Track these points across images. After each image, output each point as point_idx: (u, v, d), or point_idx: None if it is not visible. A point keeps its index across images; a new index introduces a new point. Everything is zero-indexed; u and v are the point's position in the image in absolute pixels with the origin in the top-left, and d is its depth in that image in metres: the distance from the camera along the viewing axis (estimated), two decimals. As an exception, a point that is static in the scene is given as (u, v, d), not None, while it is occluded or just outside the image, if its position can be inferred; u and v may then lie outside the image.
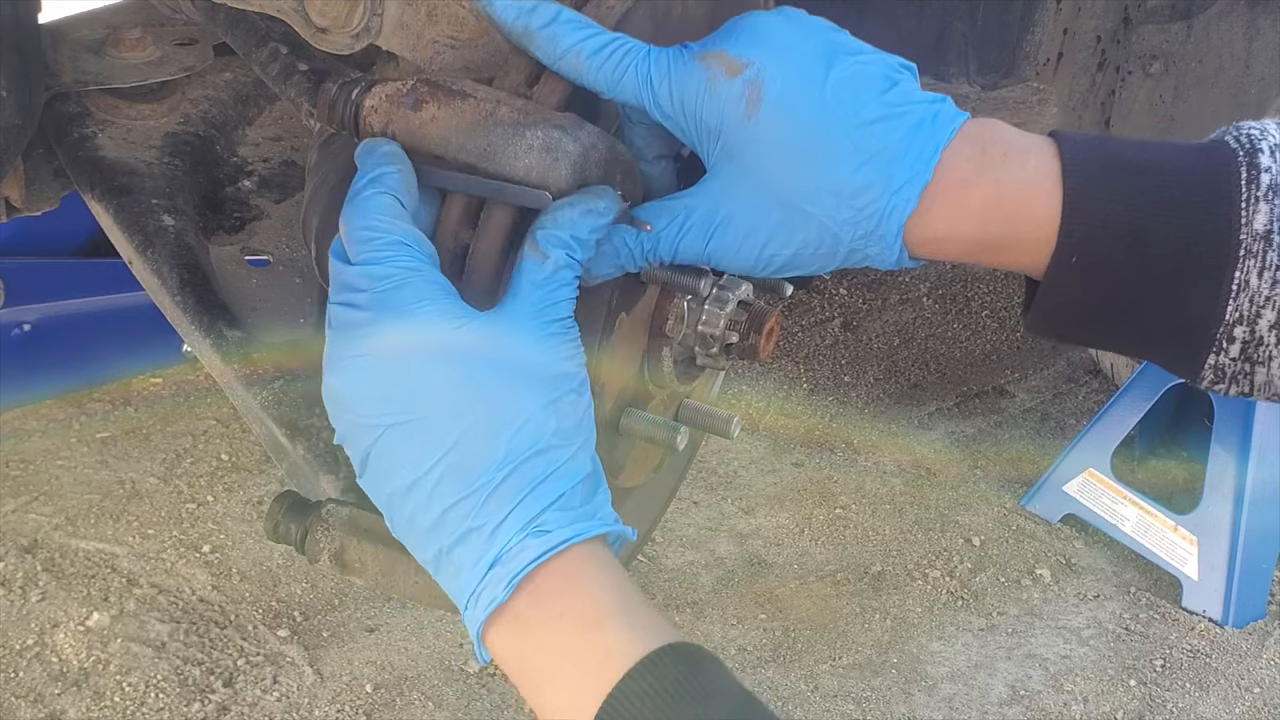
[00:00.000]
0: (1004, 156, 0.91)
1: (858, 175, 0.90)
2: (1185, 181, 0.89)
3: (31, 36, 1.09)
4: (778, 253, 0.94)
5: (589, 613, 0.84)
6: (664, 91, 0.92)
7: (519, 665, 0.85)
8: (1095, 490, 3.16)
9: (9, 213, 1.25)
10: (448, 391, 0.84)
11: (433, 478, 0.84)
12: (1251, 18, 2.84)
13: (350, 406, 0.86)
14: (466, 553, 0.84)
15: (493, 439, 0.84)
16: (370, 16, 0.99)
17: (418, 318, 0.86)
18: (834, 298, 4.04)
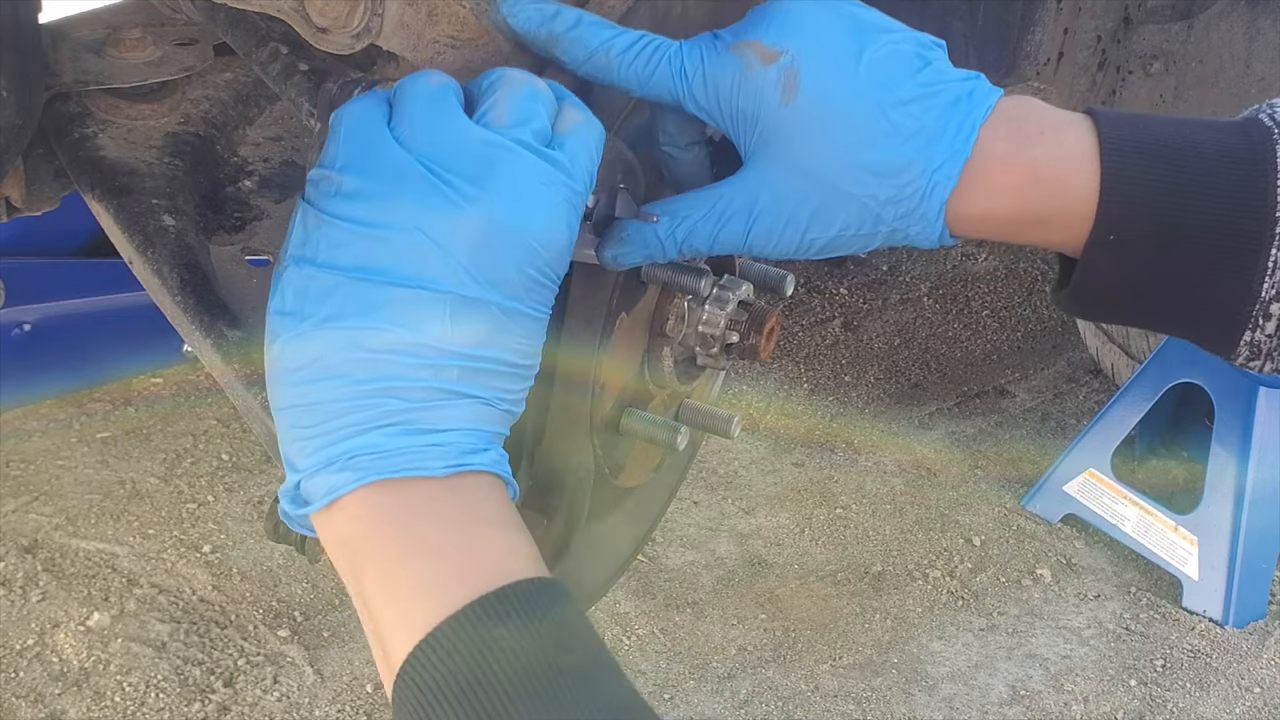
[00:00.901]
0: (1041, 134, 0.91)
1: (898, 154, 0.90)
2: (1221, 160, 0.89)
3: (31, 36, 1.09)
4: (818, 235, 0.94)
5: (457, 532, 0.82)
6: (699, 84, 0.92)
7: (354, 557, 0.83)
8: (1096, 490, 3.16)
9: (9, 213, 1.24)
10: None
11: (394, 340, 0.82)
12: (1251, 18, 2.85)
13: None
14: (366, 420, 0.82)
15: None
16: (371, 16, 0.99)
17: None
18: (834, 298, 4.04)
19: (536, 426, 1.05)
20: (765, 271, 1.16)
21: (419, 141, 0.84)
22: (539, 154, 0.85)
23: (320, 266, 0.83)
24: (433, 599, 0.79)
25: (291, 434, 0.84)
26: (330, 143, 0.86)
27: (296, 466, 0.84)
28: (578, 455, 1.07)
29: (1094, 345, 3.62)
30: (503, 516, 0.84)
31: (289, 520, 0.87)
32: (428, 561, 0.81)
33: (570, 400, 1.04)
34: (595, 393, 1.06)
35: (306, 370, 0.83)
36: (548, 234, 0.85)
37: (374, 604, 0.81)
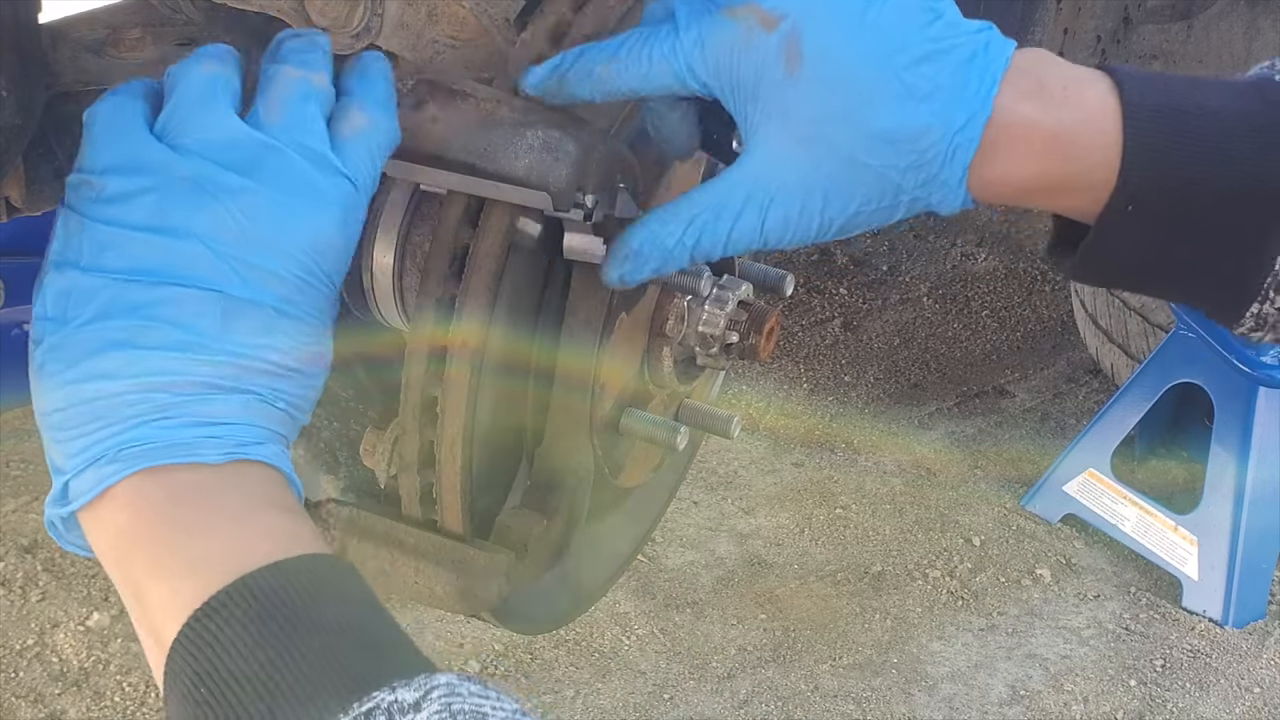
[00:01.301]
0: (1064, 93, 0.86)
1: (915, 117, 0.85)
2: (1241, 128, 0.85)
3: (31, 36, 1.09)
4: (837, 215, 0.88)
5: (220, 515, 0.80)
6: (697, 56, 0.86)
7: (124, 546, 0.81)
8: (1095, 490, 3.16)
9: (9, 213, 1.24)
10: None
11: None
12: (1251, 18, 2.85)
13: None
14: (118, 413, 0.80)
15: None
16: (370, 16, 0.99)
17: None
18: (834, 298, 4.04)
19: (536, 426, 1.05)
20: (765, 271, 1.16)
21: (184, 139, 0.82)
22: (309, 156, 0.83)
23: (84, 270, 0.82)
24: (200, 576, 0.76)
25: (57, 437, 0.82)
26: (86, 145, 0.84)
27: (63, 468, 0.82)
28: (578, 455, 1.06)
29: (1094, 345, 3.62)
30: (280, 501, 0.82)
31: (57, 535, 0.84)
32: (197, 541, 0.78)
33: (570, 400, 1.04)
34: (595, 393, 1.06)
35: (72, 372, 0.81)
36: (317, 236, 0.83)
37: (143, 587, 0.79)
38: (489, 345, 0.97)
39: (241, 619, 0.73)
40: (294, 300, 0.83)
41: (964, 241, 4.29)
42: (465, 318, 0.95)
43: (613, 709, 2.68)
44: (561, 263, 1.00)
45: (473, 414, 0.98)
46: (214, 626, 0.73)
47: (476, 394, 0.96)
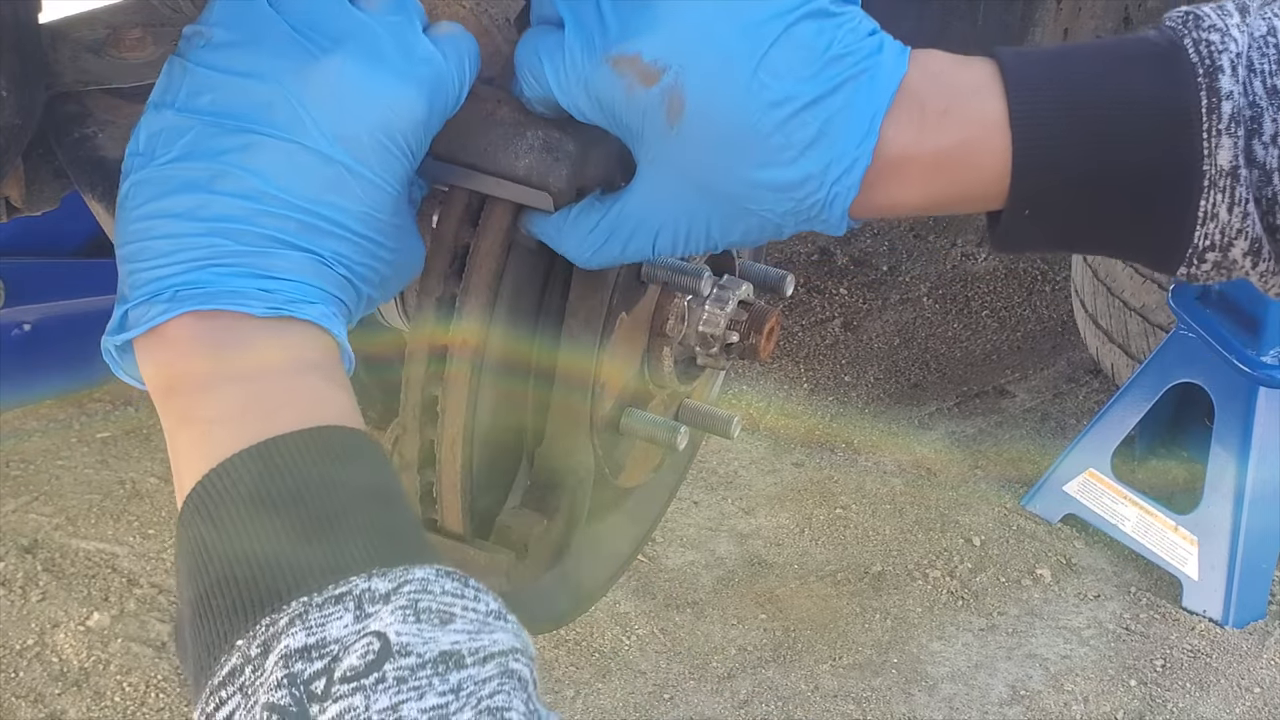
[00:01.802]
0: (945, 114, 0.84)
1: (793, 169, 0.84)
2: (1144, 116, 0.82)
3: (31, 36, 1.09)
4: (721, 240, 0.91)
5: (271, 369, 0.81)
6: (583, 98, 0.87)
7: (166, 383, 0.83)
8: (1095, 490, 3.16)
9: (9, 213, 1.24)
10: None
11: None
12: (1252, 18, 2.84)
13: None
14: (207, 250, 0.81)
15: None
16: (370, 16, 0.99)
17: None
18: (834, 298, 4.04)
19: (536, 426, 1.05)
20: (765, 271, 1.16)
21: (292, 8, 0.85)
22: (399, 33, 0.85)
23: (177, 110, 0.84)
24: (231, 428, 0.78)
25: (127, 268, 0.84)
26: (209, 5, 0.87)
27: (126, 297, 0.84)
28: (578, 455, 1.07)
29: (1094, 345, 3.62)
30: (321, 365, 0.83)
31: (111, 361, 0.87)
32: (227, 393, 0.80)
33: (570, 400, 1.04)
34: (595, 393, 1.06)
35: (148, 207, 0.83)
36: (402, 101, 0.85)
37: (174, 431, 0.80)
38: (489, 345, 0.97)
39: (250, 482, 0.75)
40: (369, 163, 0.84)
41: (964, 241, 4.29)
42: (465, 317, 0.95)
43: (613, 709, 2.68)
44: (562, 263, 1.01)
45: (473, 414, 0.98)
46: (224, 487, 0.75)
47: (476, 394, 0.97)
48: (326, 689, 0.65)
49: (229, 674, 0.68)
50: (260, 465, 0.76)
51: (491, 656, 0.67)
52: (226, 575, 0.72)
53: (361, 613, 0.67)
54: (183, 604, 0.74)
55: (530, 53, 0.89)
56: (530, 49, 0.89)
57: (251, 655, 0.68)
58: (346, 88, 0.83)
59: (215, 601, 0.71)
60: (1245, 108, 0.80)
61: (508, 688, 0.67)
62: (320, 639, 0.67)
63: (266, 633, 0.68)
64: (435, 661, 0.66)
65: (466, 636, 0.67)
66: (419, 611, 0.67)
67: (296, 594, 0.69)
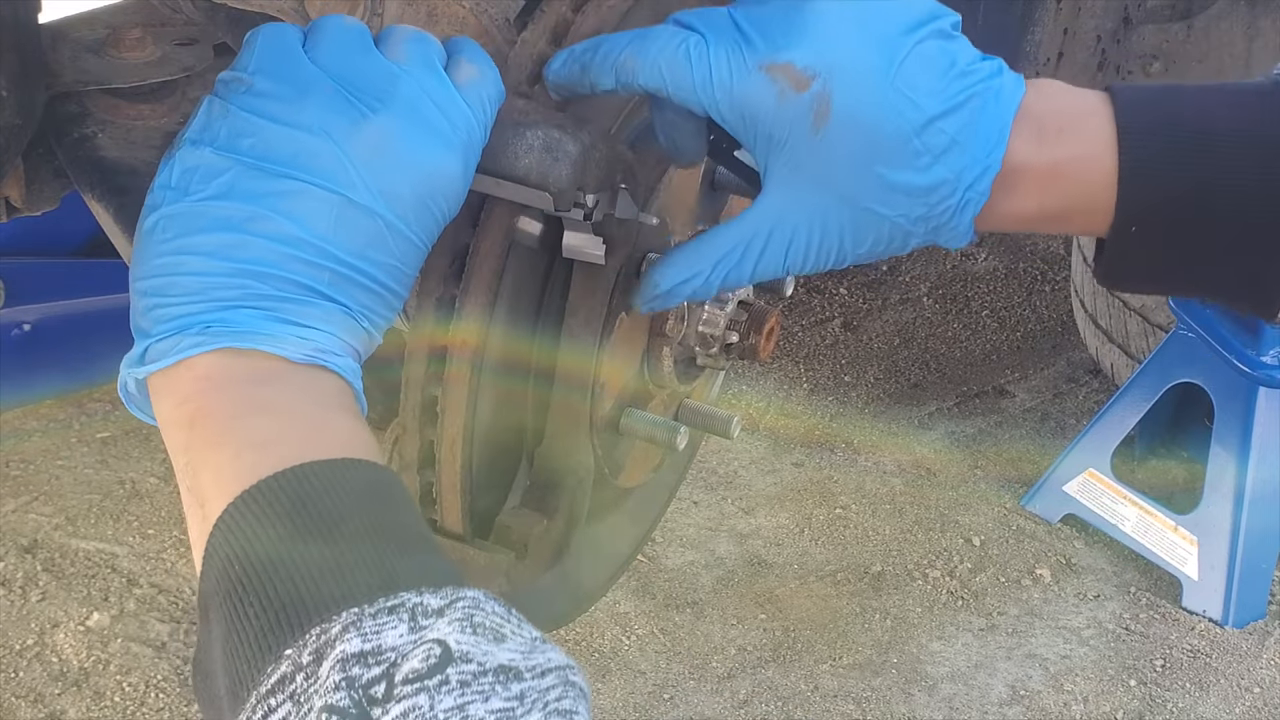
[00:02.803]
0: (1060, 133, 0.90)
1: (929, 174, 0.89)
2: (1243, 142, 0.88)
3: (31, 36, 1.09)
4: (850, 252, 0.94)
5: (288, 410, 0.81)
6: (726, 102, 0.90)
7: (191, 414, 0.82)
8: (1095, 490, 3.16)
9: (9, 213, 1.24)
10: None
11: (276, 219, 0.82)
12: (1251, 18, 2.85)
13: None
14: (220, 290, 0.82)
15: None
16: (370, 16, 0.99)
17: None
18: (834, 298, 4.04)
19: (537, 426, 1.05)
20: (765, 271, 1.16)
21: (330, 62, 0.86)
22: (433, 89, 0.87)
23: (217, 149, 0.84)
24: (258, 455, 0.78)
25: (149, 302, 0.84)
26: (244, 53, 0.88)
27: (149, 332, 0.84)
28: (578, 455, 1.07)
29: (1094, 345, 3.62)
30: (349, 409, 0.84)
31: (126, 396, 0.86)
32: (263, 422, 0.80)
33: (570, 400, 1.04)
34: (595, 393, 1.06)
35: (178, 242, 0.83)
36: (441, 161, 0.86)
37: (200, 457, 0.80)
38: (489, 345, 0.97)
39: (287, 505, 0.75)
40: (408, 220, 0.86)
41: (964, 241, 4.29)
42: (465, 317, 0.95)
43: (613, 709, 2.68)
44: (561, 263, 1.01)
45: (473, 414, 0.98)
46: (258, 509, 0.75)
47: (476, 394, 0.97)
48: (388, 691, 0.65)
49: (278, 682, 0.68)
50: (298, 486, 0.75)
51: (549, 670, 0.68)
52: (267, 590, 0.71)
53: (416, 624, 0.68)
54: (212, 623, 0.73)
55: (677, 49, 0.90)
56: (678, 46, 0.91)
57: (303, 662, 0.68)
58: (393, 147, 0.85)
59: (255, 616, 0.71)
60: None
61: (572, 695, 0.67)
62: (376, 645, 0.67)
63: (319, 640, 0.68)
64: (496, 671, 0.66)
65: (521, 655, 0.68)
66: (474, 625, 0.68)
67: (346, 605, 0.69)
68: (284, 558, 0.72)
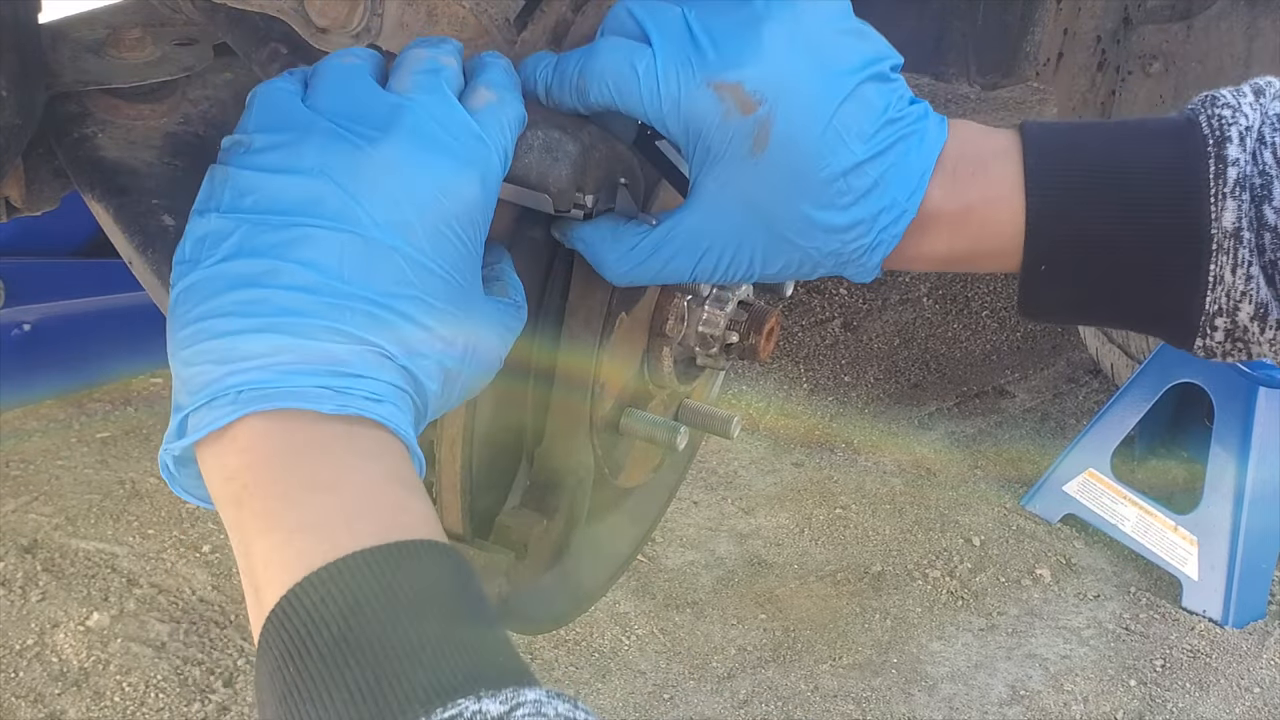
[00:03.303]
0: (972, 175, 0.92)
1: (848, 214, 0.91)
2: (1155, 182, 0.89)
3: (31, 36, 1.09)
4: (758, 271, 0.95)
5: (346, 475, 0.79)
6: (672, 115, 0.91)
7: (237, 492, 0.80)
8: (1095, 490, 3.16)
9: (9, 213, 1.24)
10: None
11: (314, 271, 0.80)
12: (1251, 18, 2.84)
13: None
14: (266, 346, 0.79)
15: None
16: (370, 17, 0.99)
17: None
18: (834, 298, 4.04)
19: (536, 426, 1.05)
20: (765, 271, 1.16)
21: (328, 104, 0.85)
22: (438, 114, 0.85)
23: (222, 213, 0.83)
24: (303, 543, 0.75)
25: (182, 374, 0.82)
26: (246, 114, 0.87)
27: (183, 405, 0.82)
28: (578, 455, 1.07)
29: (1094, 345, 3.62)
30: (392, 470, 0.80)
31: (169, 476, 0.85)
32: (305, 502, 0.77)
33: (570, 400, 1.05)
34: (595, 393, 1.06)
35: (200, 309, 0.81)
36: (453, 184, 0.84)
37: (249, 540, 0.78)
38: (489, 345, 0.96)
39: (339, 600, 0.72)
40: (426, 250, 0.83)
41: (964, 241, 4.29)
42: (465, 318, 0.95)
43: (613, 709, 2.68)
44: (561, 262, 1.01)
45: (473, 414, 0.98)
46: (311, 604, 0.73)
47: (476, 394, 0.97)
48: None
49: None
50: (348, 582, 0.73)
51: None
52: (322, 696, 0.70)
53: None
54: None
55: (622, 64, 0.91)
56: (622, 61, 0.91)
57: None
58: (396, 173, 0.83)
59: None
60: (1254, 175, 0.87)
61: None
62: None
63: None
64: None
65: None
66: None
67: (403, 717, 0.67)
68: (340, 660, 0.70)
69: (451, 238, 0.84)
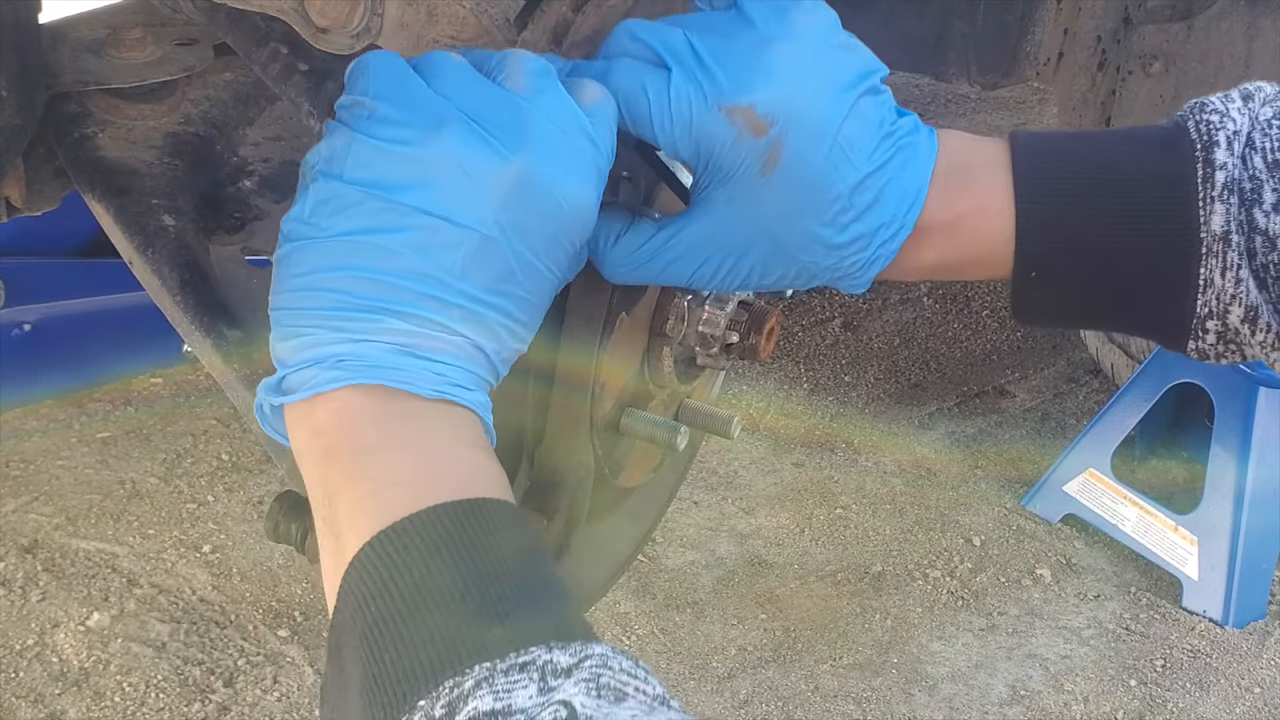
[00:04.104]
0: (962, 185, 0.93)
1: (849, 231, 0.92)
2: (1143, 187, 0.90)
3: (31, 36, 1.09)
4: (756, 282, 0.96)
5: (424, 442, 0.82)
6: (684, 139, 0.91)
7: (326, 446, 0.83)
8: (1095, 490, 3.16)
9: (9, 213, 1.25)
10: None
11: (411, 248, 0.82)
12: (1251, 18, 2.84)
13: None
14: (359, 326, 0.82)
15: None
16: (370, 16, 0.99)
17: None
18: (834, 298, 4.04)
19: (536, 426, 1.05)
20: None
21: (452, 93, 0.85)
22: (563, 119, 0.86)
23: (347, 181, 0.84)
24: (398, 492, 0.79)
25: (286, 331, 0.84)
26: (358, 78, 0.87)
27: (286, 361, 0.84)
28: (578, 455, 1.07)
29: (1094, 345, 3.62)
30: (479, 443, 0.84)
31: (262, 418, 0.87)
32: (397, 458, 0.81)
33: (570, 400, 1.05)
34: (595, 393, 1.06)
35: (313, 276, 0.83)
36: (577, 195, 0.86)
37: (335, 490, 0.81)
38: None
39: (422, 547, 0.75)
40: (540, 254, 0.86)
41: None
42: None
43: (613, 709, 2.67)
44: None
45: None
46: (396, 549, 0.76)
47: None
48: None
49: None
50: (435, 528, 0.76)
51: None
52: (404, 634, 0.72)
53: (545, 685, 0.68)
54: (345, 661, 0.74)
55: (634, 87, 0.91)
56: (634, 84, 0.91)
57: (436, 715, 0.69)
58: (531, 188, 0.84)
59: (391, 661, 0.72)
60: (1244, 179, 0.87)
61: None
62: (507, 705, 0.67)
63: (451, 694, 0.69)
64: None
65: (643, 712, 0.68)
66: (600, 687, 0.68)
67: (478, 659, 0.70)
68: (423, 602, 0.73)
69: (565, 242, 0.87)
